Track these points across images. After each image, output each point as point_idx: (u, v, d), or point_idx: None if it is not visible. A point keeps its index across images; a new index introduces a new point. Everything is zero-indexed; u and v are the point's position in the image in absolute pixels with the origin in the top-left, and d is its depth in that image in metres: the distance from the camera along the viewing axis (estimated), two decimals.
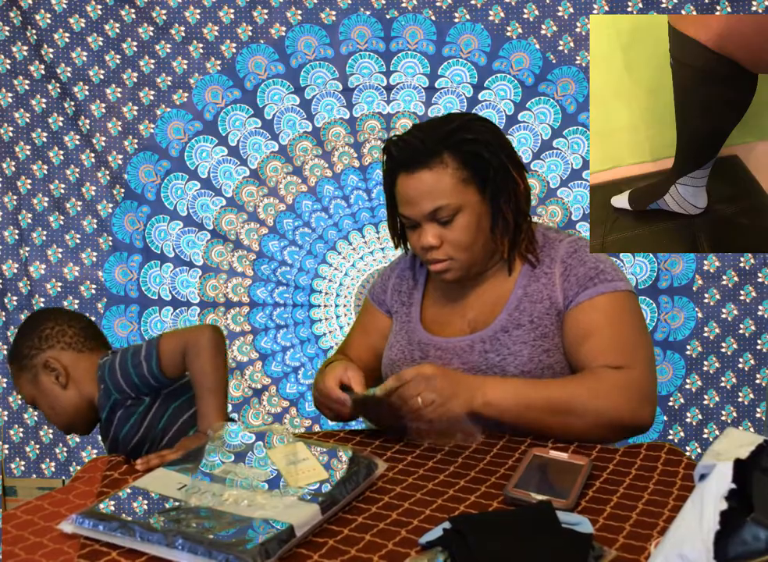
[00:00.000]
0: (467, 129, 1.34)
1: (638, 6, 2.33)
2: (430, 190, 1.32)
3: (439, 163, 1.32)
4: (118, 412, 1.39)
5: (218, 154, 2.43)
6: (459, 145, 1.32)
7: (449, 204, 1.32)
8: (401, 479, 1.08)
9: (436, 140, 1.33)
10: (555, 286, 1.36)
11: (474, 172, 1.33)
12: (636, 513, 0.95)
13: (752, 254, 2.38)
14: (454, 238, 1.34)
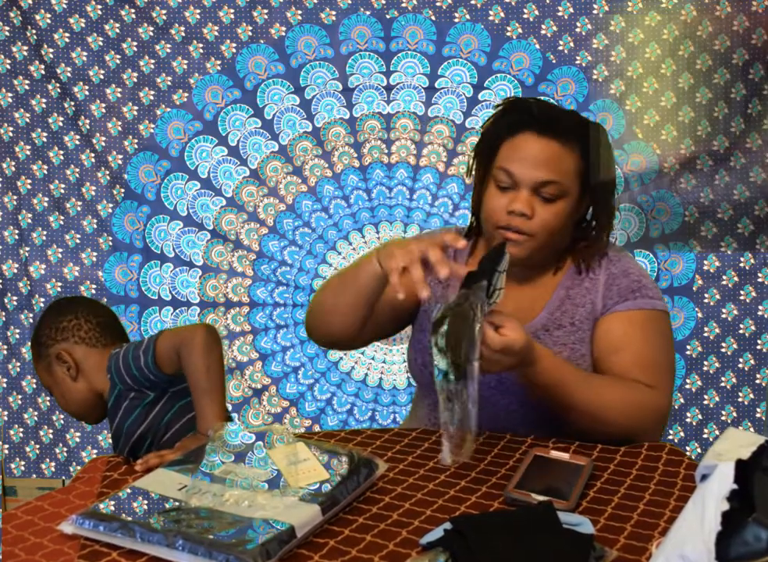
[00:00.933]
0: (596, 129, 1.36)
1: (638, 6, 2.33)
2: (553, 161, 1.29)
3: (570, 144, 1.31)
4: (123, 403, 1.41)
5: (218, 154, 2.43)
6: (588, 140, 1.33)
7: (561, 183, 1.29)
8: (402, 479, 1.08)
9: (576, 124, 1.34)
10: (598, 293, 1.35)
11: (588, 169, 1.33)
12: (637, 513, 0.95)
13: (752, 253, 2.38)
14: (546, 218, 1.29)
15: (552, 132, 1.30)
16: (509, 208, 1.29)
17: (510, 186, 1.30)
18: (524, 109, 1.34)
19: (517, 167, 1.29)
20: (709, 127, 2.35)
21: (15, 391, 2.47)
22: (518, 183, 1.30)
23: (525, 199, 1.29)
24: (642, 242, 2.39)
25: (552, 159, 1.29)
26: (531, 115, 1.32)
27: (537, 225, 1.29)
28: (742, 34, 2.31)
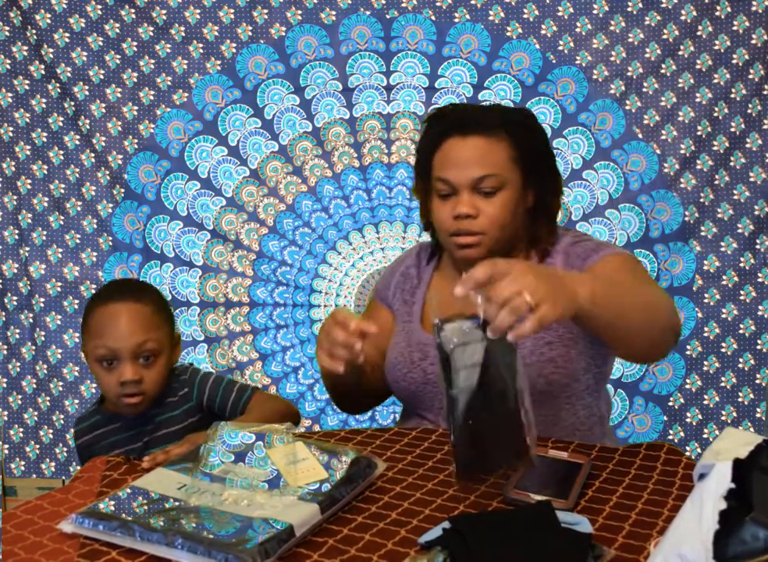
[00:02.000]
0: (523, 114, 1.39)
1: (638, 6, 2.33)
2: (482, 156, 1.31)
3: (495, 134, 1.32)
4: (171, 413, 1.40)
5: (218, 154, 2.43)
6: (515, 126, 1.34)
7: (497, 174, 1.31)
8: (401, 479, 1.08)
9: (498, 114, 1.36)
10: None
11: (523, 154, 1.34)
12: (635, 512, 0.95)
13: (752, 253, 2.38)
14: (492, 212, 1.31)
15: (474, 130, 1.32)
16: (453, 213, 1.32)
17: (451, 193, 1.33)
18: (443, 118, 1.37)
19: (450, 173, 1.33)
20: (709, 127, 2.35)
21: (15, 391, 2.47)
22: (456, 188, 1.32)
23: (466, 200, 1.31)
24: (642, 242, 2.39)
25: (482, 155, 1.31)
26: (451, 121, 1.35)
27: (484, 222, 1.32)
28: (742, 34, 2.31)
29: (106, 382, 1.34)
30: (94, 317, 1.35)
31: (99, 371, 1.34)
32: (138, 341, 1.32)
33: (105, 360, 1.32)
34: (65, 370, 2.45)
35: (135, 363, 1.32)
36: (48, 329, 2.45)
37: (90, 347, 1.34)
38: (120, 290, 1.40)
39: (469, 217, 1.31)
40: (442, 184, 1.34)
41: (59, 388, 2.45)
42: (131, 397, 1.33)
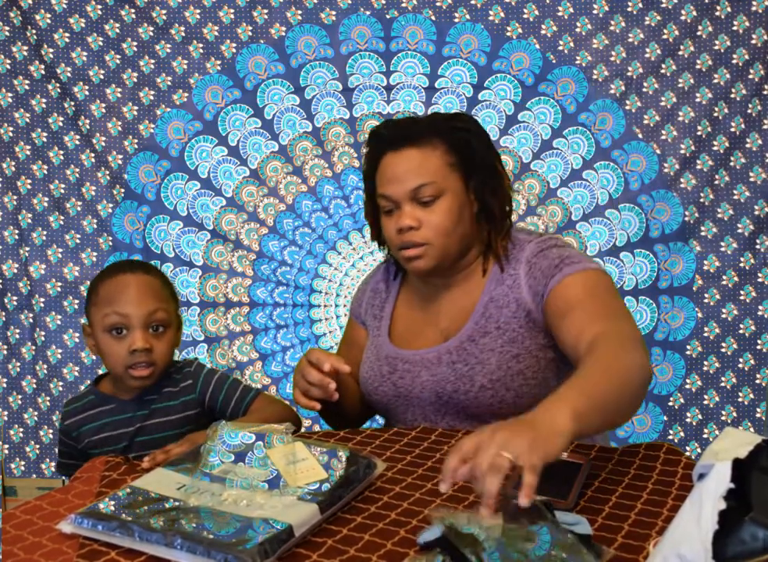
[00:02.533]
0: (457, 119, 1.39)
1: (638, 6, 2.33)
2: (416, 166, 1.32)
3: (428, 144, 1.33)
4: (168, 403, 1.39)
5: (218, 154, 2.43)
6: (449, 132, 1.35)
7: (433, 182, 1.31)
8: (400, 479, 1.08)
9: (428, 124, 1.37)
10: (520, 288, 1.33)
11: (461, 159, 1.34)
12: (635, 513, 0.95)
13: (752, 253, 2.38)
14: (434, 221, 1.31)
15: (407, 143, 1.33)
16: (397, 227, 1.33)
17: (393, 208, 1.35)
18: (378, 137, 1.39)
19: (388, 188, 1.34)
20: (709, 127, 2.35)
21: (15, 391, 2.47)
22: (397, 201, 1.33)
23: (407, 213, 1.32)
24: (642, 242, 2.39)
25: (416, 166, 1.32)
26: (385, 139, 1.36)
27: (427, 231, 1.32)
28: (742, 34, 2.31)
29: (115, 352, 1.31)
30: (103, 287, 1.33)
31: (108, 341, 1.31)
32: (150, 309, 1.31)
33: (116, 328, 1.30)
34: (65, 370, 2.45)
35: (146, 332, 1.31)
36: (48, 329, 2.45)
37: (98, 317, 1.31)
38: (129, 264, 1.41)
39: (412, 229, 1.32)
40: (384, 201, 1.36)
41: (59, 388, 2.45)
42: (141, 369, 1.31)
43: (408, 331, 1.45)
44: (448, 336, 1.38)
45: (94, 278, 1.38)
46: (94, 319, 1.33)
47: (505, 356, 1.31)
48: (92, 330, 1.35)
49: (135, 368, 1.31)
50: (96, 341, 1.34)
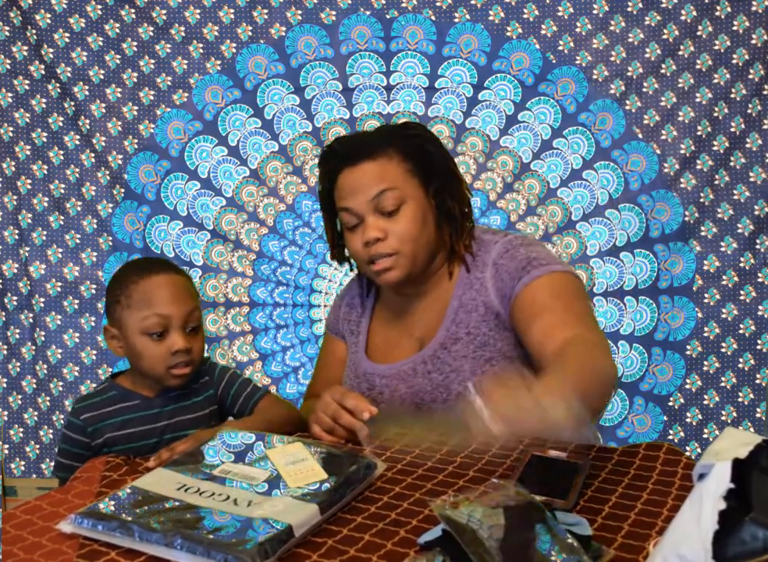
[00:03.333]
0: (409, 127, 1.39)
1: (638, 6, 2.33)
2: (374, 176, 1.31)
3: (383, 155, 1.32)
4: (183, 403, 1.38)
5: (218, 154, 2.43)
6: (403, 140, 1.34)
7: (394, 188, 1.30)
8: (400, 479, 1.08)
9: (380, 135, 1.36)
10: (488, 290, 1.32)
11: (418, 165, 1.34)
12: (635, 513, 0.95)
13: (752, 253, 2.38)
14: (399, 229, 1.30)
15: (359, 157, 1.32)
16: (363, 240, 1.31)
17: (357, 222, 1.33)
18: (331, 154, 1.37)
19: (349, 201, 1.32)
20: (709, 127, 2.35)
21: (15, 391, 2.47)
22: (359, 214, 1.32)
23: (372, 224, 1.30)
24: (642, 242, 2.39)
25: (374, 175, 1.31)
26: (339, 156, 1.35)
27: (394, 241, 1.30)
28: (742, 34, 2.31)
29: (155, 353, 1.30)
30: (137, 289, 1.31)
31: (146, 343, 1.30)
32: (188, 309, 1.31)
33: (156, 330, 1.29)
34: (65, 370, 2.45)
35: (184, 332, 1.30)
36: (48, 329, 2.45)
37: (134, 320, 1.30)
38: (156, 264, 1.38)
39: (379, 240, 1.30)
40: (347, 215, 1.34)
41: (59, 388, 2.45)
42: (182, 368, 1.30)
43: (385, 344, 1.44)
44: (423, 345, 1.38)
45: (119, 279, 1.35)
46: (128, 322, 1.31)
47: (478, 361, 1.31)
48: (122, 332, 1.33)
49: (176, 368, 1.31)
50: (128, 343, 1.32)
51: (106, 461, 1.18)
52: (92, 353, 2.46)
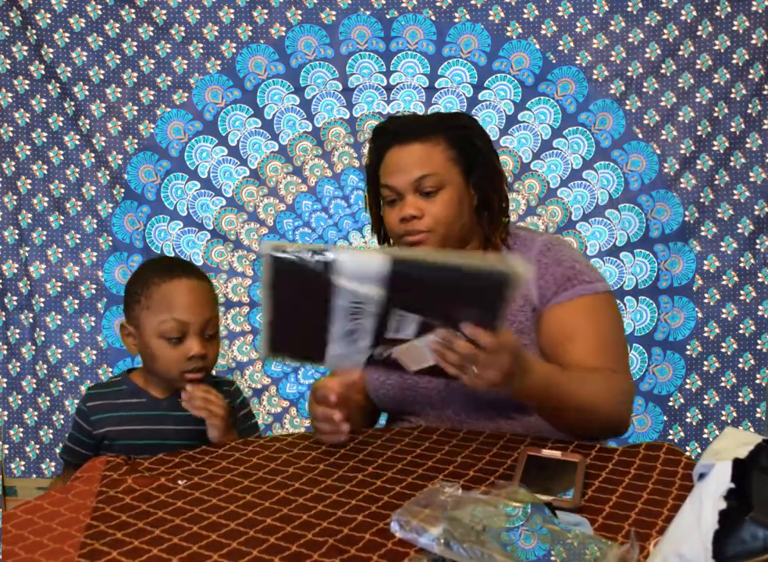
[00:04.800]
0: (460, 118, 1.45)
1: (638, 6, 2.33)
2: (420, 159, 1.36)
3: (431, 139, 1.37)
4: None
5: (218, 154, 2.43)
6: (452, 129, 1.39)
7: (436, 173, 1.35)
8: (401, 479, 1.08)
9: (432, 121, 1.42)
10: (529, 285, 1.35)
11: (462, 155, 1.38)
12: (635, 512, 0.95)
13: (752, 253, 2.38)
14: (436, 211, 1.35)
15: (409, 137, 1.37)
16: (399, 216, 1.36)
17: (396, 198, 1.38)
18: (382, 132, 1.43)
19: (392, 178, 1.37)
20: (709, 127, 2.35)
21: (15, 391, 2.47)
22: (400, 192, 1.37)
23: (410, 202, 1.36)
24: (642, 242, 2.39)
25: (420, 158, 1.36)
26: (389, 134, 1.40)
27: (430, 220, 1.35)
28: (742, 34, 2.31)
29: (170, 357, 1.30)
30: (159, 291, 1.31)
31: (162, 346, 1.30)
32: (207, 317, 1.32)
33: (173, 335, 1.30)
34: (65, 370, 2.46)
35: (201, 338, 1.31)
36: (48, 329, 2.45)
37: (153, 322, 1.30)
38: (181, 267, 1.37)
39: (414, 218, 1.35)
40: (387, 191, 1.39)
41: (59, 388, 2.45)
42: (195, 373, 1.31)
43: None
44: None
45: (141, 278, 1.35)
46: (146, 323, 1.31)
47: None
48: (139, 332, 1.33)
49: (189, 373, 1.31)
50: (144, 343, 1.32)
51: (106, 461, 1.18)
52: (92, 353, 2.46)
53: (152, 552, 0.87)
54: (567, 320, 1.33)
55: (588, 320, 1.33)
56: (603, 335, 1.33)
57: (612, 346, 1.34)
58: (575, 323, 1.32)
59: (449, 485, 0.86)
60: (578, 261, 1.38)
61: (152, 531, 0.93)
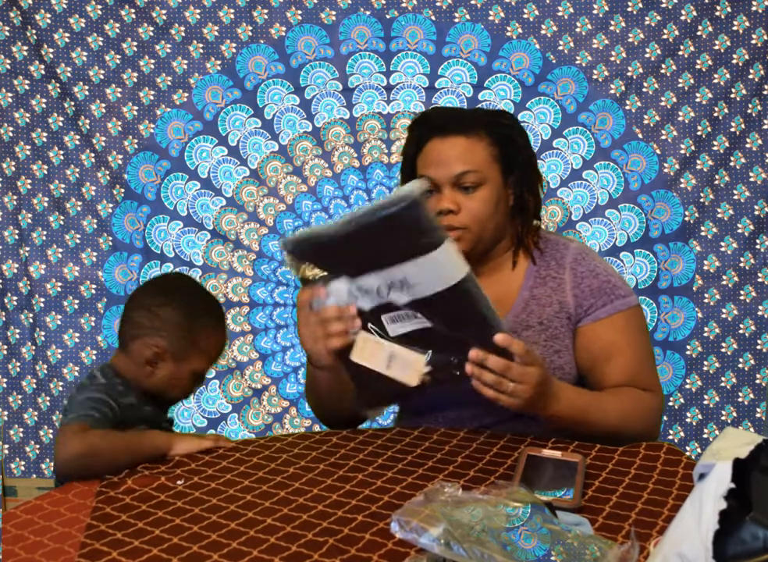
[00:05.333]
0: (504, 116, 1.44)
1: (638, 6, 2.33)
2: (462, 154, 1.35)
3: (475, 134, 1.36)
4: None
5: (218, 154, 2.43)
6: (496, 126, 1.38)
7: (477, 170, 1.34)
8: (401, 479, 1.08)
9: (477, 116, 1.42)
10: (565, 292, 1.37)
11: (503, 153, 1.38)
12: (635, 512, 0.95)
13: (752, 253, 2.38)
14: (473, 207, 1.34)
15: (453, 130, 1.36)
16: (436, 209, 1.35)
17: (434, 190, 1.37)
18: (424, 121, 1.42)
19: (432, 170, 1.36)
20: (709, 127, 2.35)
21: (15, 391, 2.47)
22: (438, 185, 1.35)
23: (448, 196, 1.34)
24: (642, 242, 2.39)
25: (462, 152, 1.35)
26: (432, 124, 1.39)
27: (466, 216, 1.34)
28: (742, 34, 2.31)
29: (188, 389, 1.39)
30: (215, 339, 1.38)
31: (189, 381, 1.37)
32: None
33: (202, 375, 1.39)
34: (65, 370, 2.46)
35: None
36: (48, 329, 2.45)
37: (196, 363, 1.35)
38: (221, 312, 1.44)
39: (451, 212, 1.34)
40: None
41: (59, 388, 2.45)
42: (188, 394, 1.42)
43: None
44: None
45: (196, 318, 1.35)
46: (192, 361, 1.34)
47: (548, 350, 1.35)
48: (175, 362, 1.33)
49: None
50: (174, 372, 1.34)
51: None
52: (92, 353, 2.46)
53: (152, 552, 0.87)
54: (605, 338, 1.36)
55: (625, 338, 1.36)
56: (638, 352, 1.38)
57: (645, 363, 1.40)
58: (613, 342, 1.36)
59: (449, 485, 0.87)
60: (612, 274, 1.40)
61: (152, 531, 0.93)
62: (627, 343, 1.36)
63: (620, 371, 1.35)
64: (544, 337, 1.35)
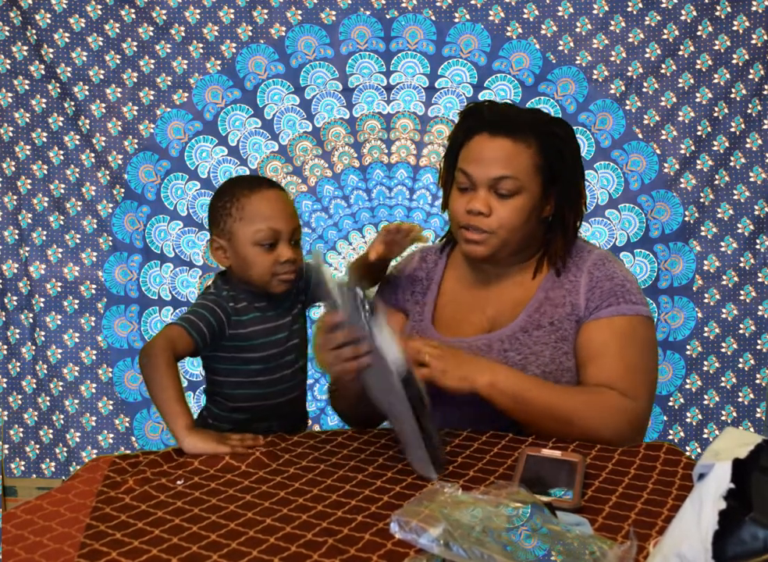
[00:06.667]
0: (559, 126, 1.39)
1: (638, 6, 2.33)
2: (506, 157, 1.32)
3: (523, 140, 1.33)
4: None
5: (218, 154, 2.43)
6: (547, 136, 1.35)
7: (516, 178, 1.32)
8: (400, 479, 1.08)
9: (529, 120, 1.37)
10: (579, 294, 1.36)
11: (548, 165, 1.35)
12: (635, 512, 0.95)
13: (752, 253, 2.38)
14: (504, 214, 1.32)
15: (503, 131, 1.33)
16: (467, 207, 1.34)
17: (469, 187, 1.35)
18: (476, 113, 1.39)
19: (472, 167, 1.34)
20: (709, 127, 2.35)
21: (15, 391, 2.47)
22: (475, 183, 1.34)
23: (482, 198, 1.33)
24: (642, 242, 2.39)
25: (506, 156, 1.32)
26: (483, 118, 1.37)
27: (495, 222, 1.33)
28: (742, 34, 2.31)
29: (265, 262, 1.37)
30: (250, 203, 1.37)
31: (257, 253, 1.37)
32: (296, 224, 1.40)
33: (267, 242, 1.37)
34: (65, 370, 2.45)
35: (290, 245, 1.39)
36: (48, 329, 2.45)
37: (248, 232, 1.36)
38: (265, 180, 1.46)
39: (481, 214, 1.33)
40: (462, 177, 1.36)
41: (59, 388, 2.45)
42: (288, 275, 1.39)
43: (453, 318, 1.45)
44: (494, 326, 1.39)
45: (229, 193, 1.39)
46: (240, 233, 1.37)
47: (557, 351, 1.34)
48: (231, 243, 1.38)
49: (282, 275, 1.39)
50: (237, 253, 1.38)
51: (111, 461, 1.18)
52: (92, 353, 2.46)
53: (152, 552, 0.87)
54: (599, 338, 1.33)
55: (619, 341, 1.32)
56: (630, 360, 1.31)
57: (633, 372, 1.31)
58: (605, 342, 1.32)
59: (449, 485, 0.87)
60: (630, 280, 1.38)
61: (152, 532, 0.93)
62: (620, 348, 1.32)
63: (600, 373, 1.30)
64: (554, 338, 1.34)
